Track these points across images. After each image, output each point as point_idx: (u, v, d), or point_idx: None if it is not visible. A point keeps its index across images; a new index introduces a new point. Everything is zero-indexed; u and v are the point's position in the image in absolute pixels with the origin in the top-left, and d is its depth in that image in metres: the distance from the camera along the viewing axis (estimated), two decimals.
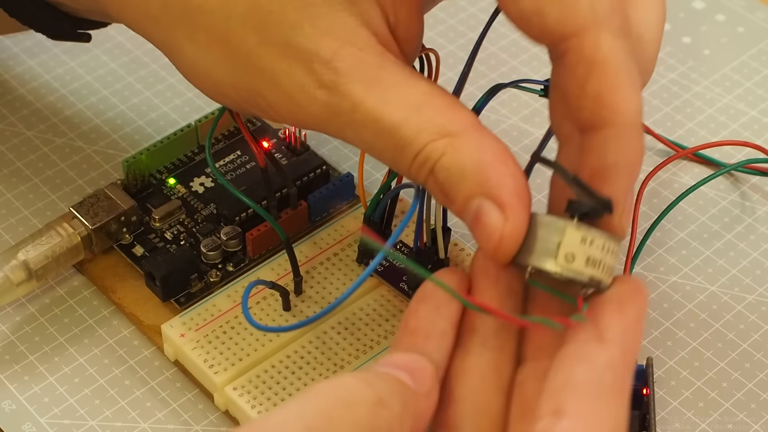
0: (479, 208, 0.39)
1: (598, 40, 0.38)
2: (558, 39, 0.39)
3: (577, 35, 0.38)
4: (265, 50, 0.41)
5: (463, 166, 0.39)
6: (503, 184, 0.39)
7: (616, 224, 0.39)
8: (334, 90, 0.41)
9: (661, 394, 0.49)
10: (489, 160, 0.39)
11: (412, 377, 0.39)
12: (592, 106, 0.39)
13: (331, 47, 0.41)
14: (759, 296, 0.53)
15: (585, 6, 0.38)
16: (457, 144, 0.40)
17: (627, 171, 0.39)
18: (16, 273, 0.51)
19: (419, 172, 0.40)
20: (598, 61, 0.38)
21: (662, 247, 0.54)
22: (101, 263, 0.53)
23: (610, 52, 0.38)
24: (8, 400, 0.49)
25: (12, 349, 0.51)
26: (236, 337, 0.49)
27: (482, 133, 0.40)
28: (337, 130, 0.42)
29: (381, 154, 0.41)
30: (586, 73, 0.39)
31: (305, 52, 0.41)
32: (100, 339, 0.51)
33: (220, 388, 0.48)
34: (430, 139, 0.40)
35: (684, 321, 0.52)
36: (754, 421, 0.48)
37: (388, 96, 0.40)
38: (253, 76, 0.42)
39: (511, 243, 0.39)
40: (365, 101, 0.40)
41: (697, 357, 0.50)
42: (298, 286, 0.51)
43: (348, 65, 0.41)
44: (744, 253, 0.54)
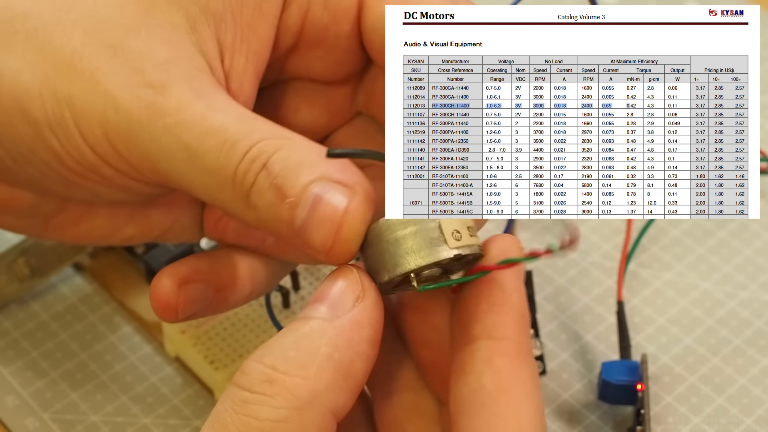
0: (321, 192, 0.37)
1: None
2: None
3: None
4: (91, 50, 0.39)
5: (302, 156, 0.37)
6: (347, 169, 0.37)
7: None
8: (162, 89, 0.38)
9: (655, 390, 0.50)
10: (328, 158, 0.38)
11: (328, 303, 0.37)
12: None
13: (165, 53, 0.39)
14: (752, 293, 0.53)
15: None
16: (293, 142, 0.38)
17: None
18: (19, 270, 0.51)
19: (249, 170, 0.37)
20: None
21: (656, 244, 0.55)
22: (103, 261, 0.54)
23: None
24: (11, 396, 0.50)
25: (15, 346, 0.51)
26: (236, 333, 0.50)
27: (316, 143, 0.39)
28: (154, 135, 0.38)
29: (203, 158, 0.38)
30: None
31: (137, 52, 0.39)
32: (101, 335, 0.52)
33: (220, 384, 0.48)
34: (264, 137, 0.38)
35: (678, 317, 0.52)
36: (747, 417, 0.49)
37: (218, 104, 0.38)
38: (70, 79, 0.39)
39: (356, 223, 0.37)
40: (194, 103, 0.38)
41: (691, 353, 0.51)
42: (295, 280, 0.51)
43: (180, 72, 0.39)
44: (737, 251, 0.55)
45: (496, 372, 0.37)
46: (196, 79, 0.39)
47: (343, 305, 0.37)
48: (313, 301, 0.37)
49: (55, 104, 0.39)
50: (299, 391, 0.35)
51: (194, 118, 0.38)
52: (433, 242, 0.38)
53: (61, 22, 0.39)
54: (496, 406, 0.37)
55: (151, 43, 0.39)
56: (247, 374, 0.36)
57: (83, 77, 0.39)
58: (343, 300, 0.37)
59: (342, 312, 0.37)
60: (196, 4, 0.40)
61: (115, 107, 0.38)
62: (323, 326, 0.36)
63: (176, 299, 0.41)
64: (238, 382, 0.36)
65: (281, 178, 0.37)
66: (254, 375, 0.36)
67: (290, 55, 0.43)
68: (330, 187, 0.37)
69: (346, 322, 0.36)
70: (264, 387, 0.35)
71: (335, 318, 0.36)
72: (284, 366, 0.36)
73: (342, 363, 0.36)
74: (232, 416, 0.35)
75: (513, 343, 0.38)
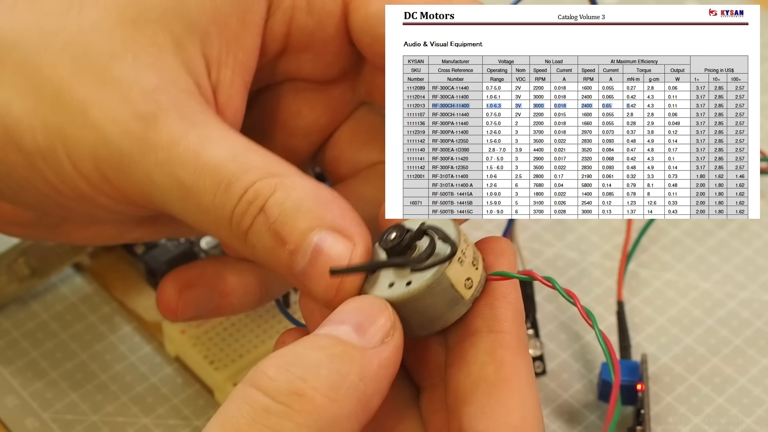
0: (320, 241, 0.36)
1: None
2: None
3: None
4: (78, 80, 0.38)
5: (300, 200, 0.37)
6: (346, 216, 0.37)
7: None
8: (152, 122, 0.38)
9: (655, 390, 0.50)
10: (327, 197, 0.37)
11: (356, 327, 0.36)
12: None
13: (153, 80, 0.38)
14: (752, 293, 0.53)
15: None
16: (289, 182, 0.37)
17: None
18: (19, 270, 0.51)
19: (246, 213, 0.37)
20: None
21: (656, 244, 0.55)
22: (102, 260, 0.54)
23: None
24: (11, 396, 0.50)
25: (15, 346, 0.51)
26: (236, 333, 0.50)
27: (311, 179, 0.38)
28: (147, 170, 0.38)
29: (198, 197, 0.37)
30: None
31: (124, 80, 0.38)
32: (101, 335, 0.52)
33: (220, 384, 0.48)
34: (260, 177, 0.37)
35: (678, 317, 0.52)
36: (747, 417, 0.49)
37: (210, 135, 0.38)
38: (59, 111, 0.38)
39: (358, 278, 0.37)
40: (186, 136, 0.37)
41: (691, 353, 0.51)
42: None
43: (169, 100, 0.38)
44: (737, 251, 0.55)
45: (499, 363, 0.37)
46: (186, 106, 0.38)
47: (373, 338, 0.36)
48: (340, 321, 0.36)
49: (46, 136, 0.38)
50: (324, 413, 0.34)
51: (187, 154, 0.37)
52: (452, 302, 0.38)
53: (48, 49, 0.39)
54: (500, 395, 0.37)
55: (139, 69, 0.38)
56: (273, 380, 0.34)
57: (72, 109, 0.38)
58: (375, 333, 0.36)
59: (371, 344, 0.36)
60: (180, 21, 0.39)
61: (106, 141, 0.38)
62: (353, 353, 0.35)
63: (176, 302, 0.42)
64: (261, 385, 0.35)
65: (279, 223, 0.37)
66: (281, 383, 0.34)
67: (280, 59, 0.43)
68: (329, 237, 0.37)
69: (375, 357, 0.36)
70: (291, 399, 0.34)
71: (365, 348, 0.36)
72: (315, 382, 0.34)
73: (365, 395, 0.35)
74: (249, 424, 0.34)
75: (513, 337, 0.38)
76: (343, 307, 0.37)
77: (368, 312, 0.36)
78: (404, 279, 0.37)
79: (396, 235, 0.38)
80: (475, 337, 0.38)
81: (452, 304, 0.38)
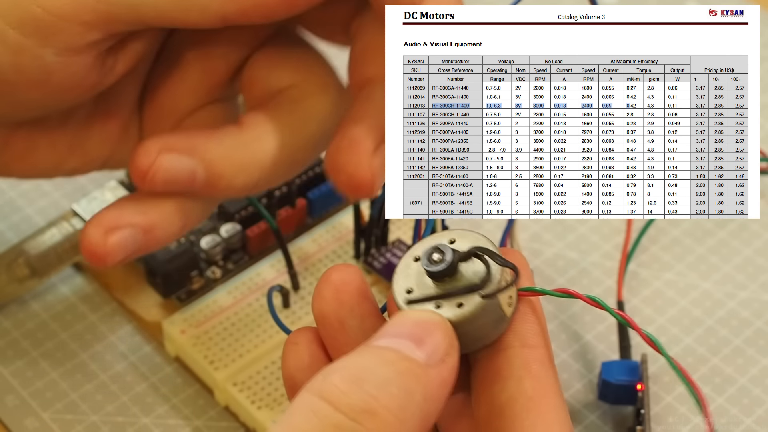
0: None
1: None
2: None
3: None
4: None
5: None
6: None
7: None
8: None
9: (655, 390, 0.50)
10: None
11: (419, 344, 0.36)
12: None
13: None
14: (752, 293, 0.53)
15: None
16: None
17: None
18: (19, 270, 0.51)
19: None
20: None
21: (656, 244, 0.55)
22: None
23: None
24: (11, 396, 0.50)
25: (15, 345, 0.51)
26: (237, 333, 0.50)
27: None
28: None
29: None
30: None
31: None
32: (101, 335, 0.52)
33: (220, 383, 0.49)
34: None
35: (678, 317, 0.52)
36: (747, 417, 0.49)
37: None
38: None
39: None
40: None
41: (691, 353, 0.51)
42: (294, 279, 0.51)
43: None
44: (737, 251, 0.55)
45: (535, 378, 0.37)
46: None
47: (435, 356, 0.36)
48: (401, 335, 0.36)
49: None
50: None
51: None
52: (498, 321, 0.38)
53: None
54: (538, 410, 0.37)
55: None
56: (346, 395, 0.34)
57: None
58: (437, 351, 0.36)
59: (433, 362, 0.35)
60: None
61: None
62: (418, 371, 0.35)
63: (104, 248, 0.41)
64: (333, 399, 0.34)
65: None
66: (354, 400, 0.34)
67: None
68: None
69: (437, 376, 0.35)
70: (363, 417, 0.33)
71: (428, 367, 0.35)
72: (386, 401, 0.34)
73: (426, 415, 0.35)
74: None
75: (545, 351, 0.38)
76: (403, 319, 0.37)
77: (430, 329, 0.36)
78: (453, 300, 0.37)
79: (440, 257, 0.37)
80: (509, 351, 0.38)
81: (498, 323, 0.38)
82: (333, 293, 0.39)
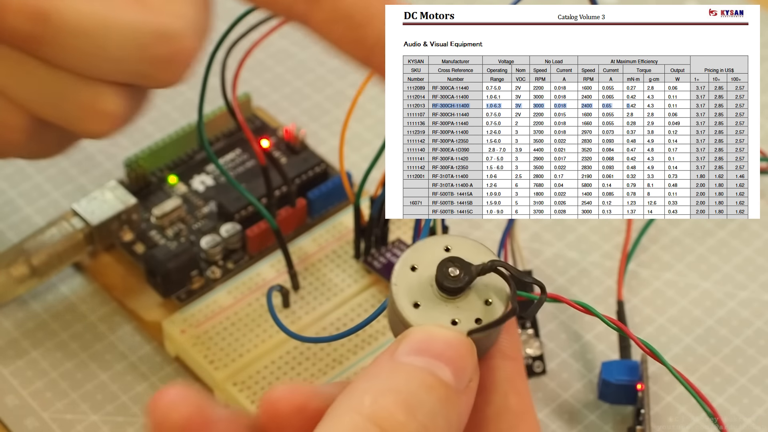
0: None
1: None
2: None
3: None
4: None
5: None
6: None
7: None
8: None
9: (655, 390, 0.50)
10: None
11: (454, 369, 0.35)
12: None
13: None
14: (752, 293, 0.53)
15: None
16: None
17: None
18: (19, 270, 0.51)
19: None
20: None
21: (656, 244, 0.55)
22: (103, 260, 0.54)
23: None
24: (11, 395, 0.50)
25: (15, 345, 0.52)
26: (237, 333, 0.50)
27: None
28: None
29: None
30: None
31: None
32: (101, 335, 0.52)
33: (220, 383, 0.49)
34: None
35: (678, 317, 0.52)
36: (747, 417, 0.49)
37: None
38: None
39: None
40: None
41: (691, 353, 0.51)
42: (294, 279, 0.51)
43: None
44: (737, 251, 0.55)
45: (519, 393, 0.37)
46: None
47: (464, 380, 0.35)
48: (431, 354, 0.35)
49: None
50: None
51: None
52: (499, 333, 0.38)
53: None
54: (522, 427, 0.37)
55: None
56: (405, 426, 0.33)
57: None
58: (466, 375, 0.35)
59: (462, 387, 0.35)
60: None
61: None
62: (453, 398, 0.34)
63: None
64: (390, 428, 0.33)
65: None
66: (409, 431, 0.33)
67: None
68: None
69: (466, 402, 0.35)
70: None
71: (459, 392, 0.35)
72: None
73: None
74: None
75: (522, 365, 0.38)
76: (433, 337, 0.36)
77: (461, 352, 0.35)
78: (467, 313, 0.36)
79: (460, 273, 0.37)
80: (492, 362, 0.38)
81: (498, 334, 0.38)
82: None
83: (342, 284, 0.52)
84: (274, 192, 0.53)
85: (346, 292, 0.51)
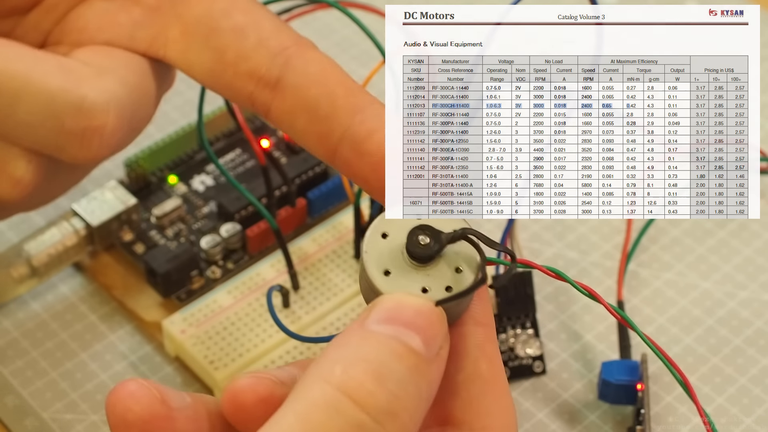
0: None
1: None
2: None
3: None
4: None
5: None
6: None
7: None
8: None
9: (655, 390, 0.50)
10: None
11: (424, 338, 0.35)
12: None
13: None
14: (752, 293, 0.53)
15: None
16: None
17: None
18: (19, 270, 0.51)
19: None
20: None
21: (656, 244, 0.55)
22: (103, 260, 0.54)
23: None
24: (11, 396, 0.50)
25: (15, 345, 0.51)
26: (236, 333, 0.50)
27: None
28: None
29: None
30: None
31: None
32: (101, 335, 0.52)
33: (220, 383, 0.49)
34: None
35: (678, 317, 0.52)
36: (747, 417, 0.49)
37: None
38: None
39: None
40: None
41: (691, 353, 0.51)
42: (294, 279, 0.51)
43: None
44: (737, 251, 0.55)
45: (489, 359, 0.37)
46: None
47: (434, 348, 0.35)
48: (401, 322, 0.35)
49: None
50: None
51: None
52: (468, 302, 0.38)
53: None
54: (494, 394, 0.37)
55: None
56: (372, 396, 0.33)
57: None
58: (435, 343, 0.35)
59: (432, 355, 0.35)
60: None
61: None
62: (423, 367, 0.34)
63: None
64: (360, 399, 0.33)
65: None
66: (380, 401, 0.33)
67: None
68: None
69: (436, 370, 0.35)
70: (386, 418, 0.33)
71: (430, 361, 0.35)
72: (406, 402, 0.34)
73: (425, 410, 0.35)
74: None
75: (493, 330, 0.38)
76: (402, 305, 0.36)
77: (431, 320, 0.35)
78: (438, 281, 0.37)
79: (427, 240, 0.37)
80: (463, 328, 0.37)
81: (469, 301, 0.38)
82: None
83: (342, 284, 0.52)
84: (274, 192, 0.53)
85: (346, 292, 0.51)
